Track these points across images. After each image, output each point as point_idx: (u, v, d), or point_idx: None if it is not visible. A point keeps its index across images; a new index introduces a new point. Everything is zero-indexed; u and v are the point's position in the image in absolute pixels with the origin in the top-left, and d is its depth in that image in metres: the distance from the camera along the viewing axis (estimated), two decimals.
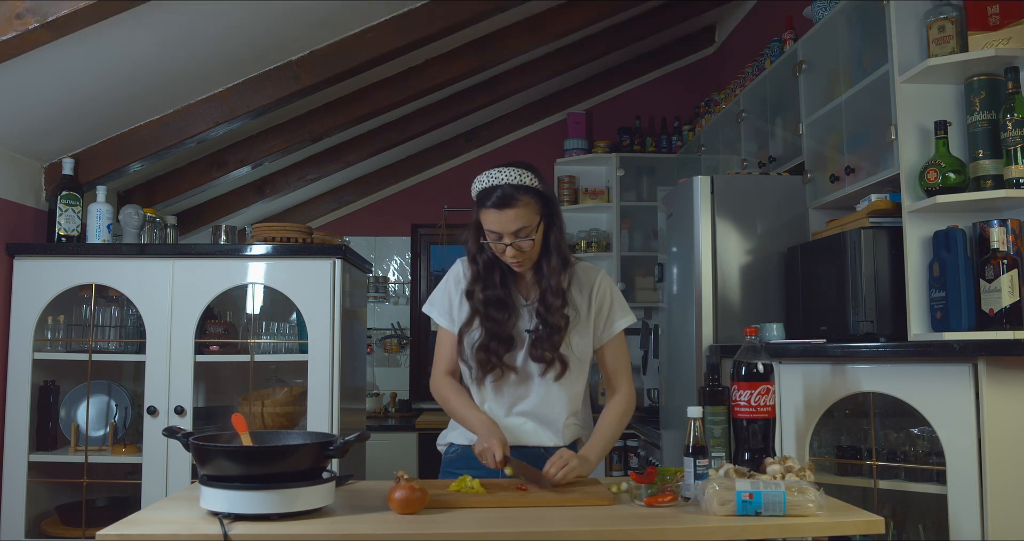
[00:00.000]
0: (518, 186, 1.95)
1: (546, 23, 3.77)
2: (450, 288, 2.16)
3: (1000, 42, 2.24)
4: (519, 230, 1.96)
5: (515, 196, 1.94)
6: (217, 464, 1.61)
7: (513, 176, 1.96)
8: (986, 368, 2.05)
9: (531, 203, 1.97)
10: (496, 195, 1.95)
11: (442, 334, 2.17)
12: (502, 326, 2.05)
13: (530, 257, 2.02)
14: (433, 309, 2.18)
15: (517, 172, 1.97)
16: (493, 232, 1.98)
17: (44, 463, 3.01)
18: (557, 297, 2.03)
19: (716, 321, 3.09)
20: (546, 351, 2.03)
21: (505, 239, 1.97)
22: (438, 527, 1.57)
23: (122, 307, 3.13)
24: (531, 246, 1.99)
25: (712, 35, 5.29)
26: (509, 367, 2.07)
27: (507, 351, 2.06)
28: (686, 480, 1.76)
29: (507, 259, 2.01)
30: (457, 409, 2.10)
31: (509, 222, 1.95)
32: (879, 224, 2.54)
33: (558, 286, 2.04)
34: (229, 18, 2.73)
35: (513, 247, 1.97)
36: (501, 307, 2.06)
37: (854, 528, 1.59)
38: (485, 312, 2.05)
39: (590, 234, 5.13)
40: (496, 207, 1.95)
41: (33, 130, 2.93)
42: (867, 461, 2.34)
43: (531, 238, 1.98)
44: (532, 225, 1.97)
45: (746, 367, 1.93)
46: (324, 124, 3.78)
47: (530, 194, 1.97)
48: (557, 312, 2.03)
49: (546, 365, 2.04)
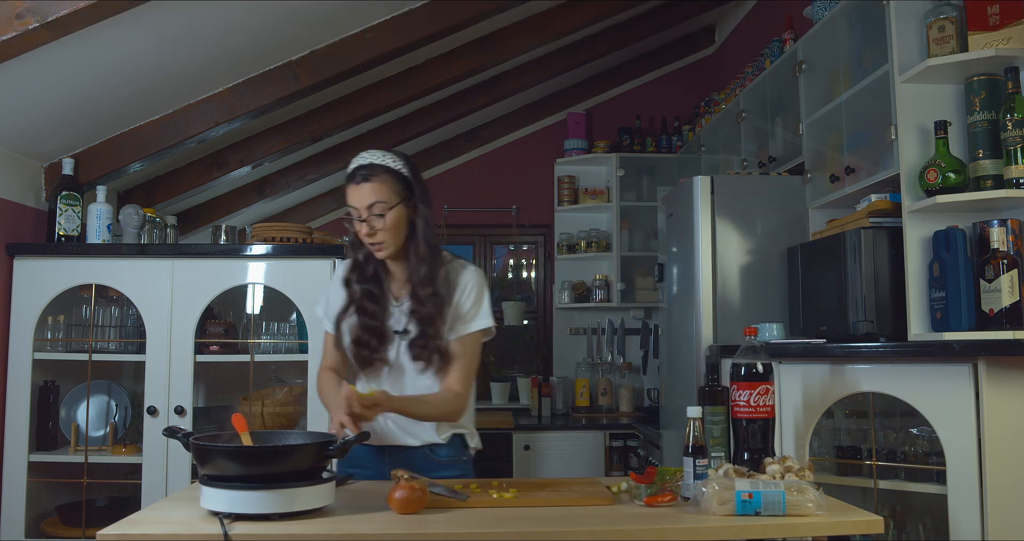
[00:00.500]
0: (378, 165, 2.02)
1: (546, 23, 3.77)
2: (332, 290, 2.20)
3: (1000, 42, 2.24)
4: (372, 205, 1.99)
5: (372, 172, 2.00)
6: (217, 464, 1.61)
7: (375, 156, 2.04)
8: (986, 368, 2.05)
9: (388, 181, 2.01)
10: (357, 172, 2.02)
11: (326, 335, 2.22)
12: (374, 319, 2.08)
13: (390, 241, 2.03)
14: (320, 309, 2.25)
15: (382, 154, 2.05)
16: (353, 208, 2.02)
17: (44, 463, 3.01)
18: (426, 286, 2.04)
19: (716, 321, 3.09)
20: (422, 348, 2.04)
21: (362, 214, 2.00)
22: (438, 527, 1.57)
23: (122, 307, 3.13)
24: (383, 225, 2.00)
25: (712, 35, 5.29)
26: (383, 361, 2.09)
27: (380, 344, 2.08)
28: (686, 480, 1.76)
29: (365, 239, 2.03)
30: (324, 399, 2.15)
31: (364, 196, 1.99)
32: (879, 224, 2.54)
33: (427, 275, 2.05)
34: (229, 18, 2.73)
35: (367, 223, 2.00)
36: (373, 300, 2.09)
37: (854, 528, 1.59)
38: (359, 304, 2.09)
39: (590, 234, 5.13)
40: (353, 182, 2.01)
41: (33, 130, 2.93)
42: (867, 461, 2.34)
43: (383, 215, 1.99)
44: (387, 202, 2.00)
45: (745, 367, 1.93)
46: (324, 124, 3.78)
47: (389, 173, 2.02)
48: (428, 301, 2.04)
49: (426, 362, 2.05)
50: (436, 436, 2.11)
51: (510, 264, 5.58)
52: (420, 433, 2.10)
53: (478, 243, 5.50)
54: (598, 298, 5.06)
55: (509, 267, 5.57)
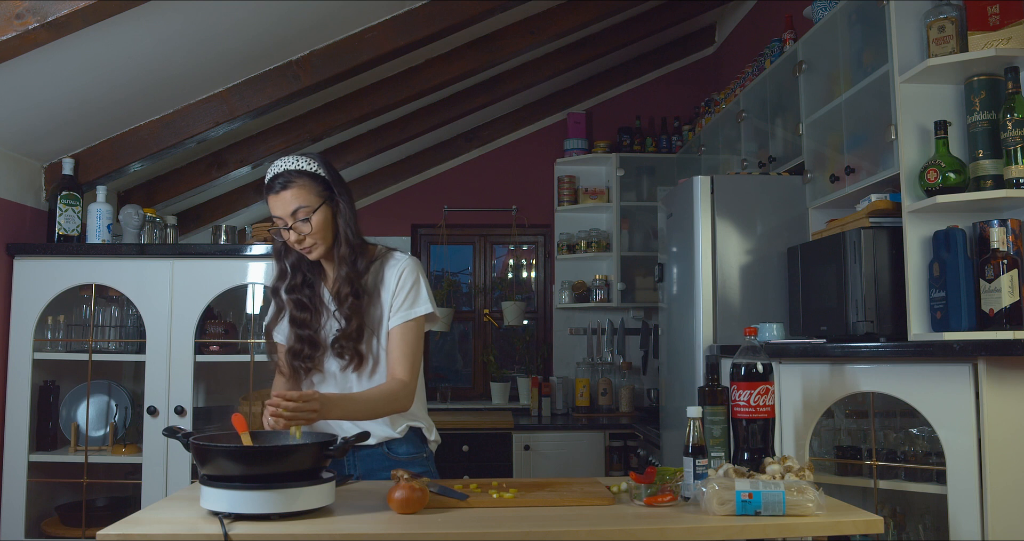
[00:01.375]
0: (293, 170, 2.00)
1: (546, 23, 3.77)
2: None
3: (1000, 42, 2.24)
4: (296, 210, 1.98)
5: (290, 179, 1.99)
6: (217, 464, 1.61)
7: (291, 162, 2.01)
8: (986, 368, 2.05)
9: (307, 185, 2.00)
10: (271, 180, 2.00)
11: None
12: (304, 328, 2.06)
13: (320, 243, 2.03)
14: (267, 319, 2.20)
15: (295, 158, 2.02)
16: (278, 218, 2.01)
17: (44, 463, 3.01)
18: (347, 285, 2.03)
19: (716, 321, 3.09)
20: (342, 347, 2.02)
21: (288, 222, 1.99)
22: (438, 527, 1.57)
23: (122, 307, 3.13)
24: (310, 229, 2.00)
25: (712, 35, 5.29)
26: (319, 369, 2.07)
27: (314, 353, 2.06)
28: (686, 480, 1.77)
29: (294, 246, 2.02)
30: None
31: (286, 204, 1.98)
32: (879, 224, 2.54)
33: (348, 275, 2.03)
34: (229, 18, 2.73)
35: (294, 230, 1.99)
36: (302, 308, 2.08)
37: (853, 528, 1.59)
38: (290, 314, 2.08)
39: (590, 234, 5.13)
40: (272, 191, 2.00)
41: (33, 130, 2.93)
42: (867, 461, 2.34)
43: (308, 219, 1.99)
44: (310, 206, 1.99)
45: (745, 367, 1.93)
46: (324, 124, 3.78)
47: (307, 177, 2.01)
48: (347, 299, 2.02)
49: (347, 360, 2.03)
50: (392, 431, 2.07)
51: (510, 264, 5.58)
52: (375, 430, 2.05)
53: (478, 243, 5.50)
54: (598, 298, 5.06)
55: (509, 267, 5.57)
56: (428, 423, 2.17)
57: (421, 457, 2.13)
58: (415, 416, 2.13)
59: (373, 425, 2.06)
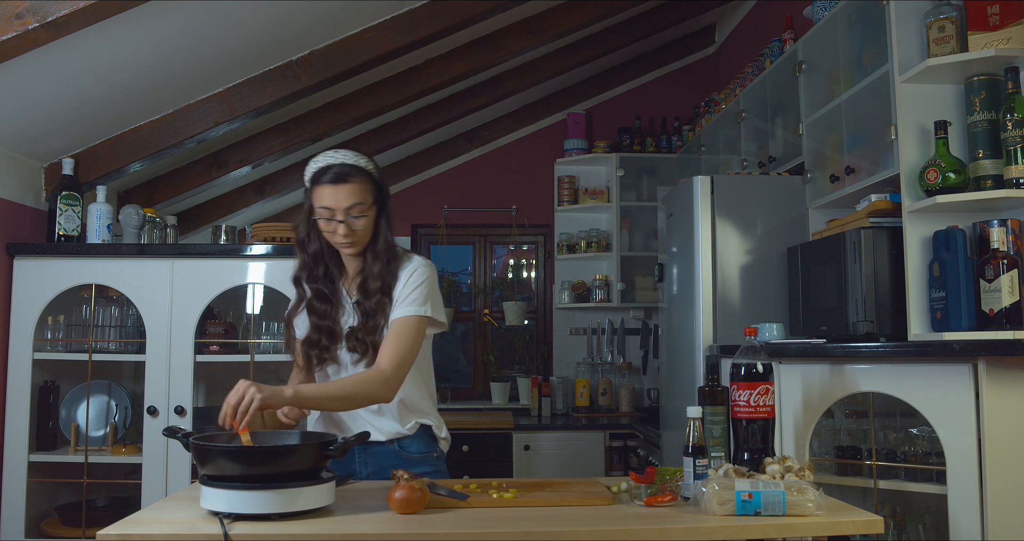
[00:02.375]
0: (354, 165, 1.99)
1: (546, 23, 3.77)
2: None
3: (1000, 42, 2.24)
4: (352, 206, 1.98)
5: (351, 173, 1.98)
6: (217, 464, 1.61)
7: (349, 157, 2.00)
8: (986, 368, 2.05)
9: (365, 183, 2.00)
10: (333, 172, 1.98)
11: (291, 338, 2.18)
12: (324, 318, 2.06)
13: (362, 240, 2.03)
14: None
15: (354, 154, 2.02)
16: (327, 209, 1.98)
17: (44, 463, 3.01)
18: (377, 280, 2.04)
19: (716, 321, 3.09)
20: (359, 340, 2.03)
21: (338, 216, 1.98)
22: (438, 527, 1.57)
23: (122, 307, 3.13)
24: (364, 225, 2.00)
25: (712, 35, 5.29)
26: (334, 361, 2.07)
27: (331, 344, 2.06)
28: (686, 480, 1.77)
29: (338, 238, 2.01)
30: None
31: (344, 198, 1.97)
32: (879, 224, 2.54)
33: (380, 271, 2.04)
34: (229, 18, 2.73)
35: (346, 224, 1.98)
36: (324, 299, 2.07)
37: (853, 528, 1.59)
38: (309, 303, 2.07)
39: (590, 234, 5.13)
40: (332, 183, 1.97)
41: (33, 130, 2.93)
42: (867, 461, 2.34)
43: (365, 216, 1.99)
44: (365, 204, 2.00)
45: (745, 367, 1.93)
46: (324, 124, 3.78)
47: (365, 175, 2.01)
48: (375, 295, 2.03)
49: (360, 354, 2.04)
50: (401, 427, 2.07)
51: (510, 264, 5.58)
52: (383, 426, 2.06)
53: (478, 243, 5.50)
54: (598, 298, 5.06)
55: (509, 267, 5.57)
56: (439, 421, 2.16)
57: (432, 456, 2.13)
58: (425, 413, 2.12)
59: (381, 421, 2.06)
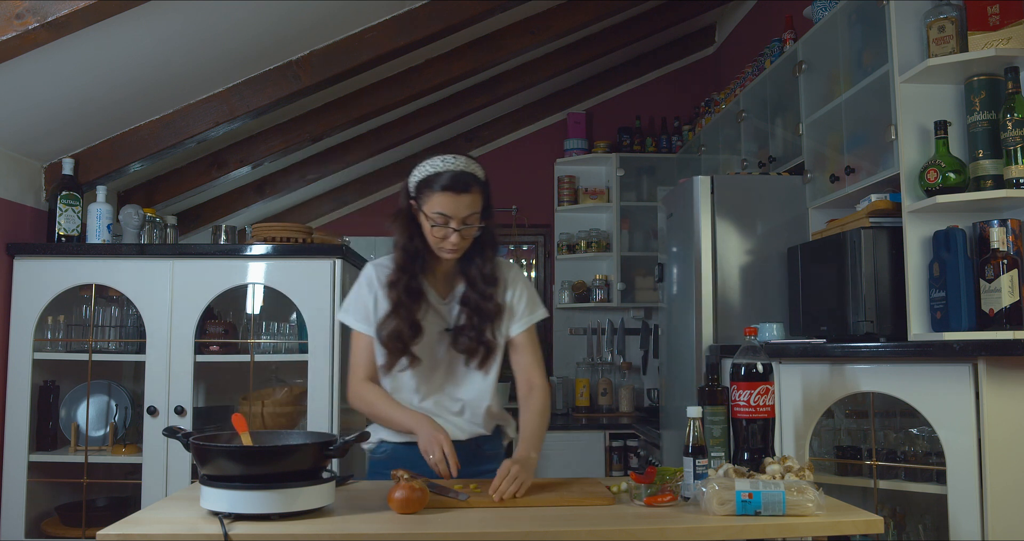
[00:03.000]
0: (473, 175, 2.00)
1: (546, 23, 3.77)
2: (363, 292, 2.13)
3: (1000, 42, 2.24)
4: (469, 216, 1.99)
5: (469, 182, 1.98)
6: (217, 464, 1.61)
7: (465, 164, 2.01)
8: (986, 368, 2.05)
9: (481, 194, 2.01)
10: (451, 178, 1.97)
11: (358, 339, 2.13)
12: (413, 314, 2.06)
13: (465, 247, 2.05)
14: (348, 315, 2.14)
15: (467, 161, 2.02)
16: (443, 215, 1.97)
17: (44, 463, 3.01)
18: (491, 285, 2.07)
19: (716, 321, 3.09)
20: (472, 340, 2.06)
21: (453, 224, 1.98)
22: (438, 527, 1.57)
23: (122, 307, 3.13)
24: (473, 235, 2.02)
25: (712, 35, 5.29)
26: (415, 357, 2.06)
27: (415, 338, 2.05)
28: (686, 480, 1.77)
29: (448, 244, 2.01)
30: (384, 409, 2.07)
31: (463, 207, 1.97)
32: (879, 224, 2.54)
33: (491, 275, 2.07)
34: (229, 18, 2.73)
35: (459, 233, 1.99)
36: (416, 297, 2.07)
37: (853, 528, 1.59)
38: (401, 300, 2.06)
39: (590, 234, 5.13)
40: (452, 191, 1.96)
41: (33, 130, 2.93)
42: (867, 461, 2.34)
43: (478, 226, 2.01)
44: (479, 213, 2.01)
45: (745, 367, 1.93)
46: (324, 124, 3.78)
47: (482, 185, 2.02)
48: (490, 299, 2.07)
49: (471, 355, 2.07)
50: (484, 429, 2.13)
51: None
52: (466, 426, 2.12)
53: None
54: (598, 298, 5.06)
55: None
56: (510, 421, 2.24)
57: (500, 453, 2.19)
58: (503, 416, 2.21)
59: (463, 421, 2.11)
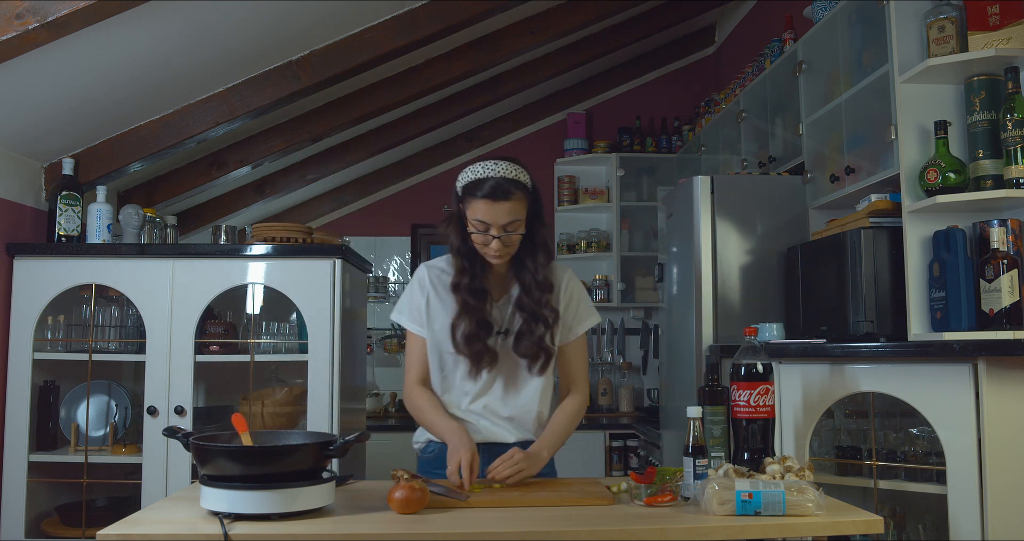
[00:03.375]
0: (513, 180, 1.97)
1: (546, 23, 3.77)
2: (415, 293, 2.14)
3: (1000, 42, 2.24)
4: (509, 223, 1.97)
5: (510, 190, 1.95)
6: (217, 464, 1.61)
7: (508, 170, 1.98)
8: (986, 368, 2.05)
9: (523, 198, 1.99)
10: (491, 186, 1.95)
11: (412, 341, 2.15)
12: (482, 314, 2.05)
13: (512, 252, 2.03)
14: (403, 316, 2.16)
15: (511, 166, 1.99)
16: (483, 222, 1.97)
17: (44, 463, 3.01)
18: (546, 292, 2.06)
19: (716, 321, 3.09)
20: (532, 344, 2.04)
21: (493, 231, 1.97)
22: (438, 527, 1.57)
23: (122, 307, 3.13)
24: (518, 241, 2.00)
25: (712, 35, 5.29)
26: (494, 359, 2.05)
27: (487, 335, 2.06)
28: (686, 480, 1.77)
29: (490, 251, 2.00)
30: (428, 416, 2.09)
31: (502, 215, 1.95)
32: (879, 224, 2.54)
33: (546, 280, 2.06)
34: (229, 18, 2.73)
35: (501, 240, 1.97)
36: (482, 297, 2.07)
37: (853, 528, 1.59)
38: (467, 302, 2.05)
39: (590, 234, 5.13)
40: (491, 198, 1.95)
41: (33, 130, 2.93)
42: (867, 461, 2.34)
43: (520, 232, 1.99)
44: (521, 219, 1.99)
45: (745, 367, 1.93)
46: (324, 124, 3.78)
47: (522, 189, 1.99)
48: (546, 306, 2.05)
49: (532, 359, 2.05)
50: (532, 434, 2.12)
51: None
52: (515, 430, 2.11)
53: None
54: (598, 298, 5.06)
55: None
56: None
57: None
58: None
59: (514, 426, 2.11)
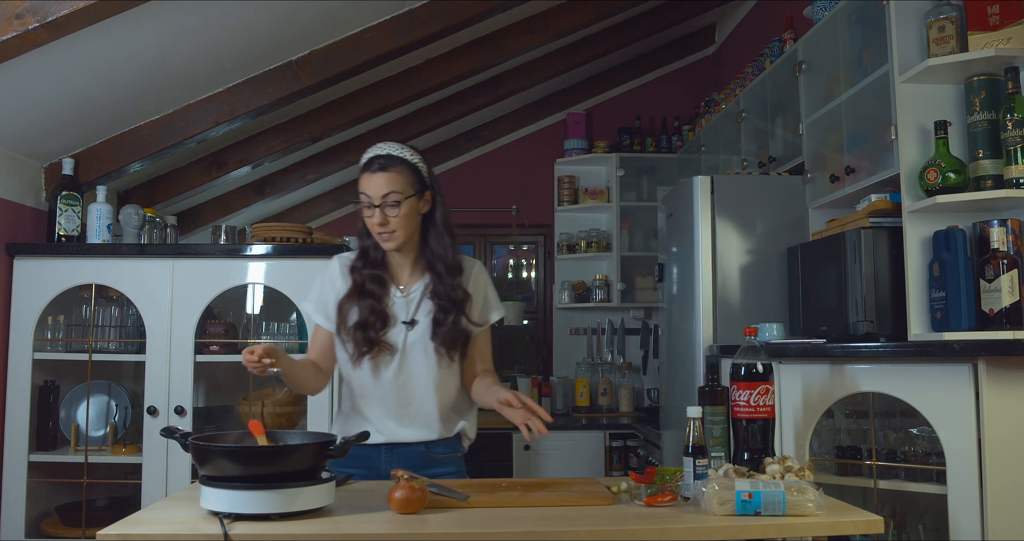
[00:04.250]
0: (395, 156, 2.04)
1: (546, 23, 3.77)
2: (324, 285, 2.17)
3: (1000, 42, 2.24)
4: (387, 195, 2.00)
5: (387, 163, 2.02)
6: (216, 464, 1.61)
7: (394, 148, 2.06)
8: (986, 368, 2.05)
9: (405, 173, 2.04)
10: (370, 159, 2.04)
11: (315, 329, 2.19)
12: (379, 301, 2.07)
13: (400, 233, 2.04)
14: (309, 305, 2.19)
15: (399, 146, 2.07)
16: (365, 195, 2.02)
17: (44, 463, 3.01)
18: (455, 274, 2.09)
19: (716, 321, 3.08)
20: (449, 331, 2.05)
21: (375, 202, 2.01)
22: (438, 527, 1.57)
23: (122, 307, 3.13)
24: (399, 215, 2.01)
25: (712, 35, 5.29)
26: (387, 346, 2.06)
27: (383, 328, 2.06)
28: (686, 480, 1.77)
29: (375, 228, 2.03)
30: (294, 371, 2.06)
31: (379, 185, 2.00)
32: (879, 224, 2.54)
33: (455, 263, 2.10)
34: (229, 18, 2.73)
35: (381, 212, 2.00)
36: (379, 283, 2.09)
37: (853, 528, 1.59)
38: (363, 287, 2.08)
39: (590, 234, 5.13)
40: (369, 170, 2.03)
41: (33, 130, 2.93)
42: (867, 461, 2.34)
43: (397, 205, 2.00)
44: (402, 193, 2.01)
45: (745, 367, 1.93)
46: (324, 124, 3.78)
47: (406, 165, 2.04)
48: (458, 288, 2.08)
49: (450, 346, 2.07)
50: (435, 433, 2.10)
51: (510, 264, 5.58)
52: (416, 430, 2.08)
53: (478, 243, 5.50)
54: (598, 298, 5.06)
55: (509, 267, 5.57)
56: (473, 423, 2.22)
57: (456, 457, 2.17)
58: (469, 419, 2.19)
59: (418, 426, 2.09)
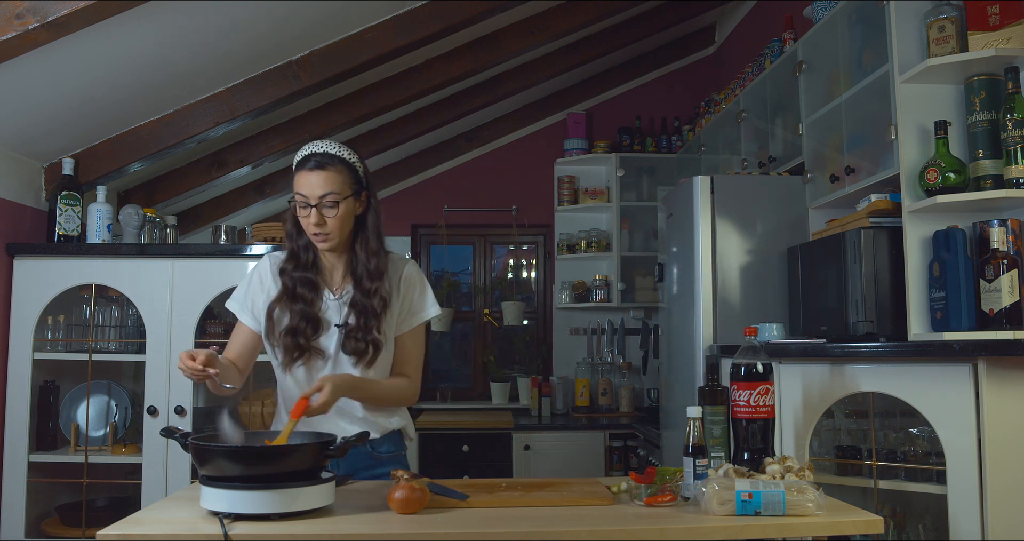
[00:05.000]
0: (333, 154, 2.01)
1: (546, 23, 3.77)
2: (253, 283, 2.14)
3: (1000, 42, 2.24)
4: (325, 195, 1.97)
5: (327, 162, 1.99)
6: (216, 464, 1.61)
7: (331, 147, 2.02)
8: (986, 368, 2.05)
9: (343, 173, 2.00)
10: (306, 157, 2.00)
11: (237, 327, 2.15)
12: (311, 306, 2.05)
13: (336, 233, 2.01)
14: (235, 304, 2.15)
15: (336, 145, 2.04)
16: (302, 195, 1.99)
17: (44, 463, 3.01)
18: (374, 280, 2.04)
19: (716, 321, 3.09)
20: (359, 340, 2.02)
21: (311, 202, 1.98)
22: (438, 527, 1.57)
23: (122, 307, 3.13)
24: (336, 216, 1.99)
25: (712, 35, 5.29)
26: (318, 351, 2.04)
27: (315, 334, 2.04)
28: (686, 480, 1.77)
29: (311, 228, 2.00)
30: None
31: (317, 185, 1.97)
32: (879, 224, 2.54)
33: (376, 269, 2.05)
34: (229, 18, 2.73)
35: (318, 212, 1.97)
36: (311, 287, 2.06)
37: (853, 528, 1.59)
38: (294, 291, 2.05)
39: (590, 234, 5.13)
40: (306, 169, 1.99)
41: (33, 130, 2.93)
42: (867, 461, 2.34)
43: (335, 205, 1.98)
44: (339, 194, 1.99)
45: (745, 367, 1.93)
46: (324, 124, 3.78)
47: (344, 165, 2.01)
48: (375, 295, 2.03)
49: (359, 355, 2.03)
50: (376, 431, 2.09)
51: (510, 264, 5.58)
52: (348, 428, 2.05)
53: (478, 243, 5.50)
54: (598, 298, 5.06)
55: (509, 267, 5.57)
56: (410, 422, 2.22)
57: (400, 455, 2.18)
58: (404, 417, 2.19)
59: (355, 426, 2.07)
